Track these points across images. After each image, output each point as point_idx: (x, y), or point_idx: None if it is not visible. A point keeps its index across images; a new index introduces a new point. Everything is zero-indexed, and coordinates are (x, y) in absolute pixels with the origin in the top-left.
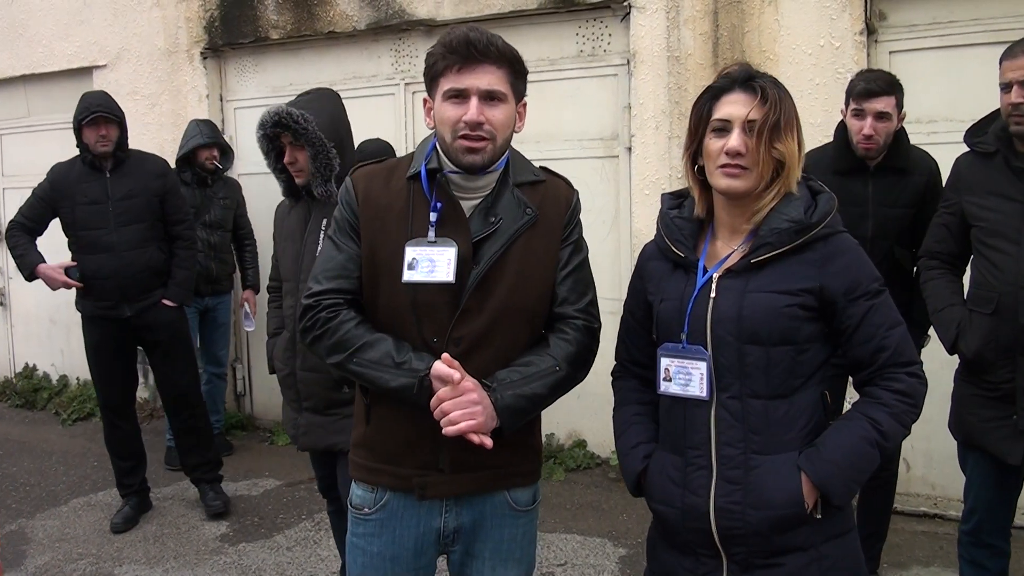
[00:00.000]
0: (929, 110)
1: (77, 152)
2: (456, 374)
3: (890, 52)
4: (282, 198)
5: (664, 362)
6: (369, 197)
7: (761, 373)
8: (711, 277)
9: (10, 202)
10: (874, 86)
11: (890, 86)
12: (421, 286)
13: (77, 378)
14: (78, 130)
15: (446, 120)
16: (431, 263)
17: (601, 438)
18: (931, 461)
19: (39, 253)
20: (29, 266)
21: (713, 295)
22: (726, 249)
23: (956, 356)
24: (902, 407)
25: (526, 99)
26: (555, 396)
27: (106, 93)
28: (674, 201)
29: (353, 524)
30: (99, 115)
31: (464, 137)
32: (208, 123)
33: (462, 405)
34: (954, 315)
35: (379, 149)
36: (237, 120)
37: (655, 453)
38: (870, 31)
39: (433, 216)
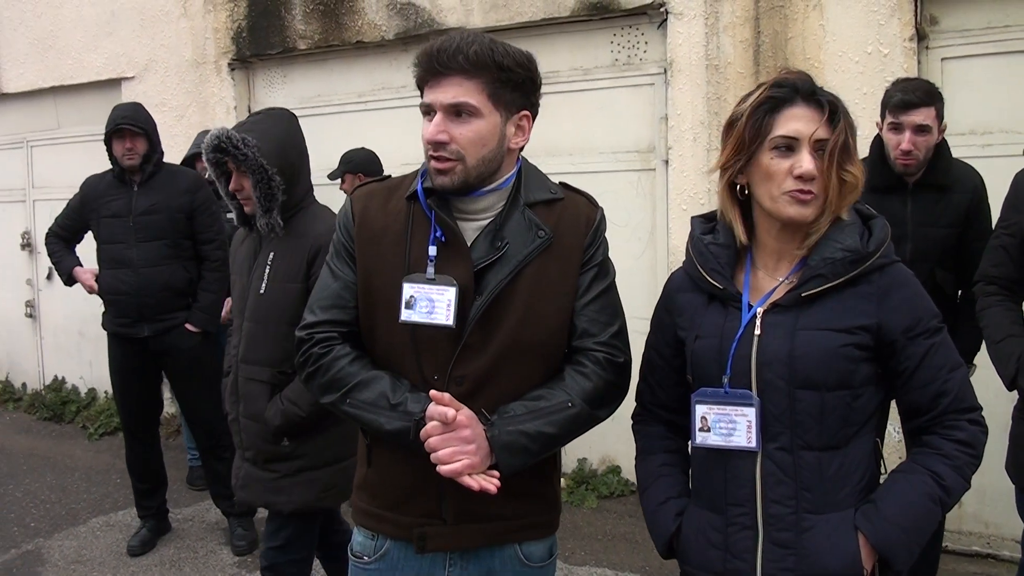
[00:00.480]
0: (984, 121)
1: (109, 164)
2: (450, 412)
3: (942, 59)
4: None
5: (700, 410)
6: (366, 219)
7: (814, 421)
8: (755, 312)
9: (40, 213)
10: (912, 97)
11: (929, 96)
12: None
13: (105, 392)
14: (108, 142)
15: (423, 137)
16: (430, 303)
17: None
18: (984, 497)
19: (76, 257)
20: (66, 270)
21: (758, 333)
22: (770, 280)
23: (1015, 392)
24: (964, 459)
25: (527, 111)
26: (568, 436)
27: (137, 105)
28: (706, 225)
29: (353, 572)
30: (125, 127)
31: (432, 157)
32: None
33: (451, 443)
34: (1014, 348)
35: (366, 159)
36: None
37: (688, 510)
38: (920, 37)
39: (433, 250)
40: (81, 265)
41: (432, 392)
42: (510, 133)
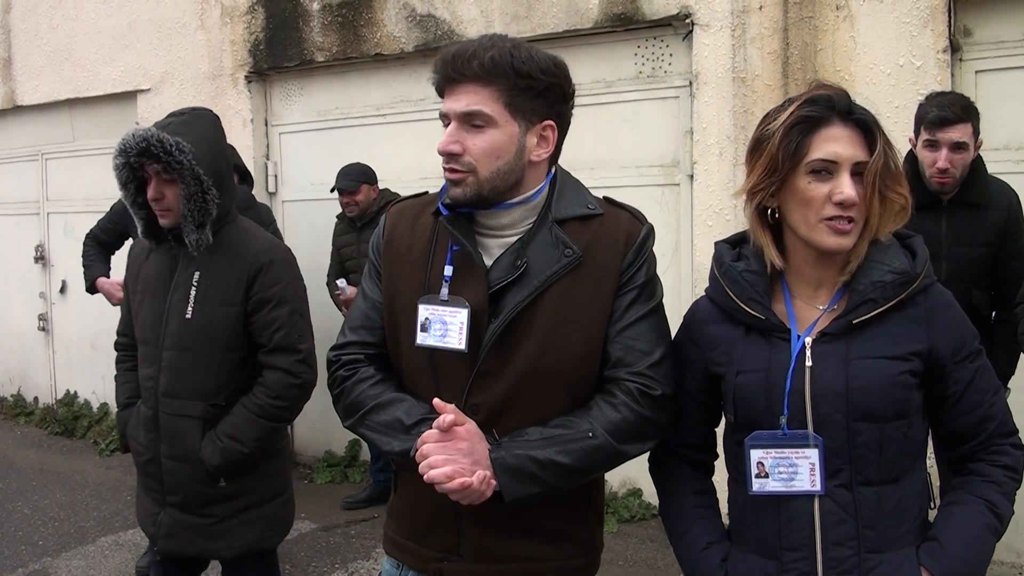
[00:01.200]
0: (1020, 135)
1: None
2: (448, 417)
3: (976, 71)
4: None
5: (756, 455)
6: (393, 238)
7: (874, 455)
8: (803, 343)
9: (54, 226)
10: (949, 113)
11: (966, 112)
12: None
13: None
14: None
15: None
16: (443, 325)
17: None
18: (1017, 525)
19: (105, 267)
20: (91, 278)
21: (809, 364)
22: (810, 309)
23: None
24: (1012, 485)
25: (552, 121)
26: (587, 470)
27: (204, 113)
28: (733, 251)
29: None
30: None
31: (445, 168)
32: None
33: (443, 450)
34: None
35: (360, 172)
36: (283, 145)
37: (732, 555)
38: (954, 49)
39: (448, 270)
40: (108, 276)
41: (435, 401)
42: (531, 144)
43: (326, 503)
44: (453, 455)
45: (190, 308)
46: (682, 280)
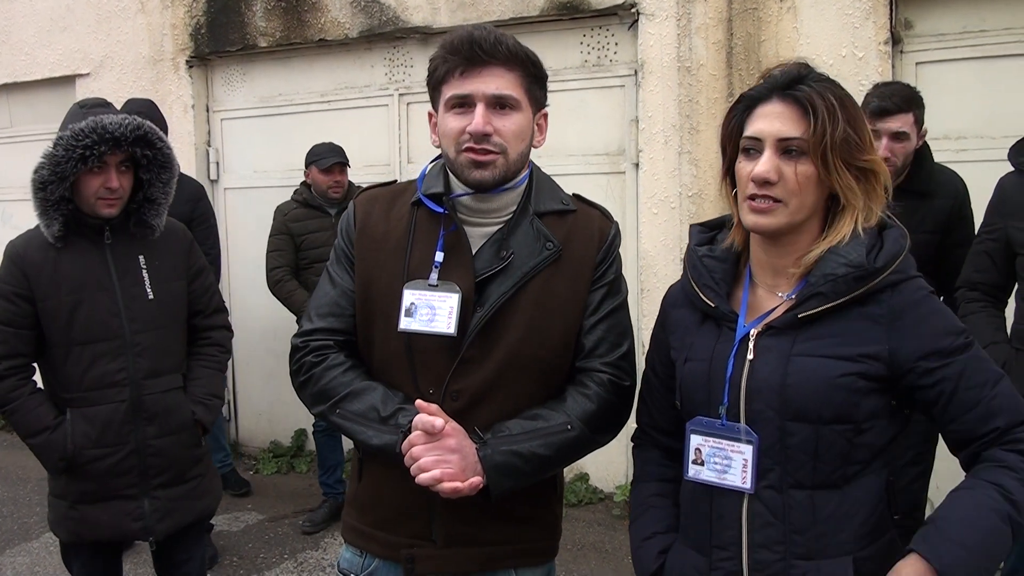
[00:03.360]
0: (960, 126)
1: None
2: (438, 421)
3: (916, 63)
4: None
5: (695, 441)
6: (367, 225)
7: (807, 457)
8: (747, 334)
9: None
10: (889, 104)
11: (907, 102)
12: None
13: None
14: None
15: (449, 132)
16: (431, 310)
17: (605, 471)
18: None
19: None
20: None
21: (750, 357)
22: (770, 298)
23: None
24: None
25: (546, 110)
26: (564, 460)
27: (151, 103)
28: (705, 234)
29: None
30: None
31: (469, 150)
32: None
33: (432, 451)
34: (998, 354)
35: (329, 150)
36: (224, 131)
37: (674, 547)
38: (895, 40)
39: (439, 256)
40: None
41: (418, 402)
42: (534, 131)
43: (273, 494)
44: (442, 455)
45: (149, 289)
46: (627, 267)
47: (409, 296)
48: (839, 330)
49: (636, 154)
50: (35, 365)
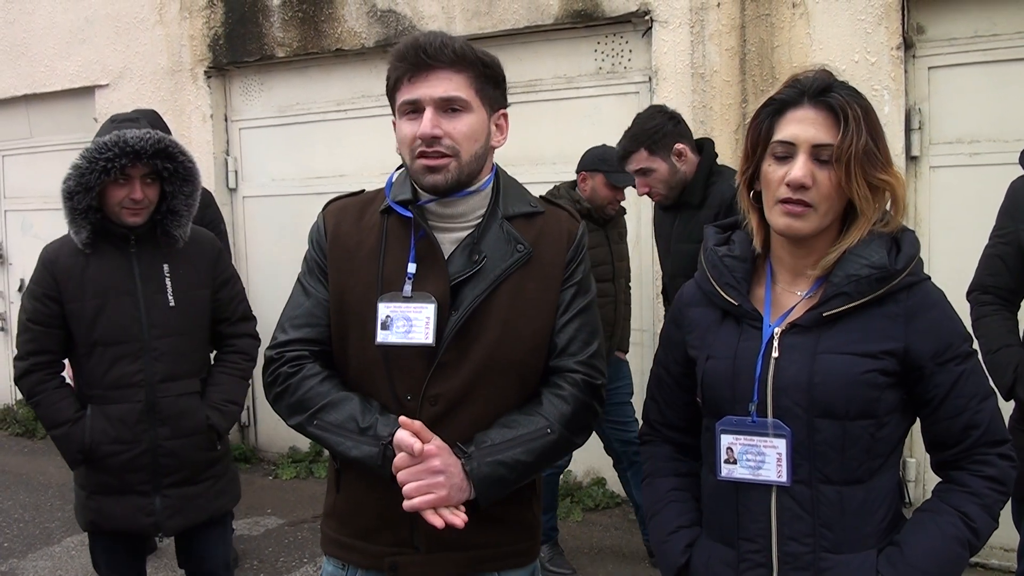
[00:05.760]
0: (971, 130)
1: None
2: (416, 444)
3: (929, 68)
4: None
5: (726, 440)
6: (339, 235)
7: (836, 453)
8: (772, 333)
9: (11, 224)
10: (619, 150)
11: (634, 142)
12: None
13: None
14: None
15: (404, 138)
16: (407, 322)
17: None
18: None
19: None
20: None
21: (775, 355)
22: (789, 296)
23: (1011, 402)
24: (994, 496)
25: (506, 109)
26: (545, 464)
27: (154, 113)
28: (720, 235)
29: None
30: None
31: (422, 155)
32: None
33: (419, 475)
34: (1011, 357)
35: (621, 163)
36: (242, 140)
37: (699, 541)
38: (907, 45)
39: (412, 267)
40: None
41: (401, 419)
42: (492, 131)
43: (292, 499)
44: (427, 479)
45: (171, 297)
46: (643, 272)
47: (384, 309)
48: (860, 328)
49: None
50: (65, 362)
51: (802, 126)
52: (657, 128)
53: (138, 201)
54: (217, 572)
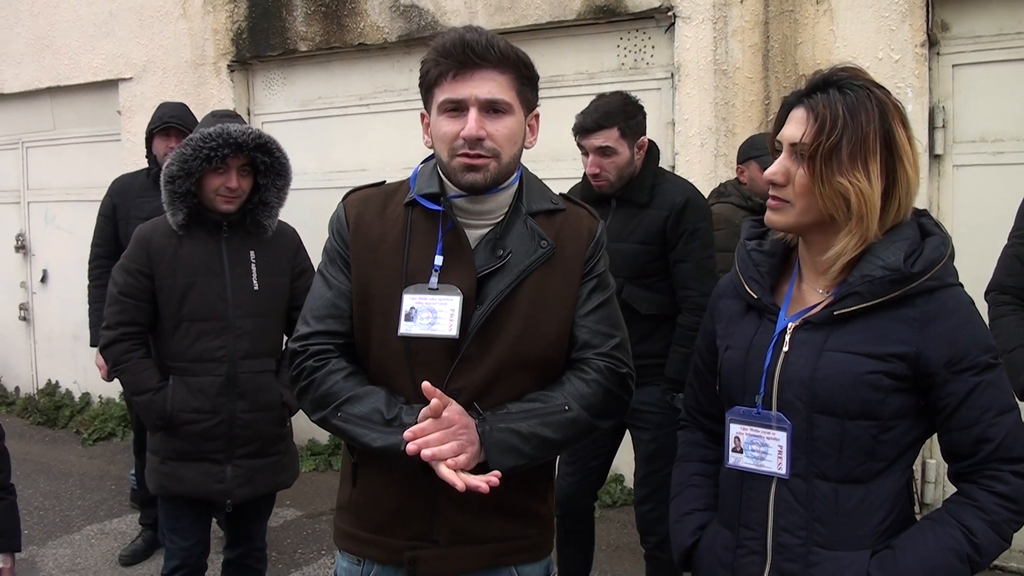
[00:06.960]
0: (996, 129)
1: (105, 166)
2: (435, 400)
3: (953, 65)
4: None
5: (734, 430)
6: (361, 226)
7: (832, 450)
8: (785, 327)
9: (35, 215)
10: (588, 121)
11: (607, 118)
12: None
13: (99, 396)
14: (149, 140)
15: (443, 136)
16: (432, 313)
17: None
18: None
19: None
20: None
21: (785, 349)
22: (812, 294)
23: None
24: (1004, 515)
25: (539, 109)
26: (564, 442)
27: (184, 106)
28: (756, 229)
29: None
30: (172, 126)
31: (464, 155)
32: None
33: (431, 428)
34: None
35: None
36: None
37: (710, 525)
38: (932, 43)
39: (439, 260)
40: None
41: (425, 384)
42: (526, 132)
43: (311, 491)
44: (441, 433)
45: (255, 281)
46: None
47: (409, 301)
48: (871, 329)
49: (672, 156)
50: (148, 335)
51: (790, 126)
52: (633, 113)
53: (233, 190)
54: (255, 539)
